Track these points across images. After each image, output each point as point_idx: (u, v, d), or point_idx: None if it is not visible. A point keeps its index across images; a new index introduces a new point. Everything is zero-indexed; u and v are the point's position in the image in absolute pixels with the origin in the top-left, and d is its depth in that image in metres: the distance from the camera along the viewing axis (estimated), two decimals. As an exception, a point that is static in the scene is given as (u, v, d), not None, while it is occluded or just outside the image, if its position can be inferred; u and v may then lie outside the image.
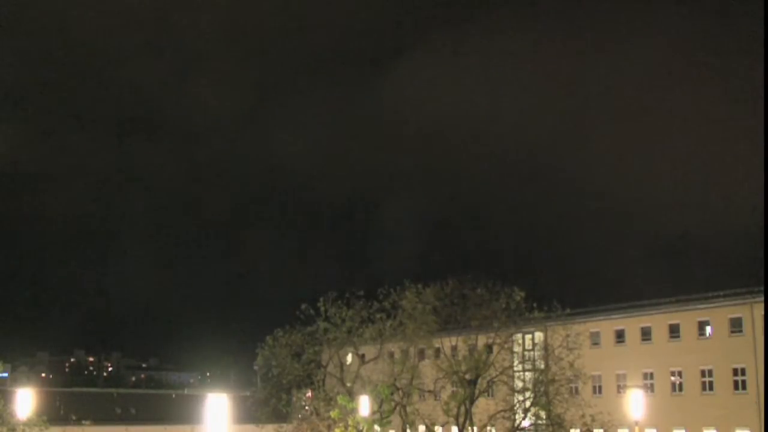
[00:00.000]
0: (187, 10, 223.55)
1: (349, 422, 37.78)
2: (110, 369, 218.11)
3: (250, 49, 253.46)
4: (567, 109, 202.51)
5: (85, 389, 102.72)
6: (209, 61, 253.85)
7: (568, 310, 47.34)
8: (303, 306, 48.16)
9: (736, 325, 56.76)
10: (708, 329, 59.10)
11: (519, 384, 50.74)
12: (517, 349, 54.14)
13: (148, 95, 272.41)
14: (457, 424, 46.84)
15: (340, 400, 39.94)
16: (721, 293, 58.58)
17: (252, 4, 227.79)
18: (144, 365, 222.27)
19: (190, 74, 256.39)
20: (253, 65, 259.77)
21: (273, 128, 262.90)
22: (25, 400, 36.12)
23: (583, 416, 45.59)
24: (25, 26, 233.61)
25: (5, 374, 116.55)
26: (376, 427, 38.56)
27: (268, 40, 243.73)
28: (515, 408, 47.61)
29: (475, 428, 47.80)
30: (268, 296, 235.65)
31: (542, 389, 47.17)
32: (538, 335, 58.05)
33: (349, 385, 48.01)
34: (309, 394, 51.01)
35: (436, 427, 50.52)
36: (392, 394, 43.76)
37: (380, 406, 41.23)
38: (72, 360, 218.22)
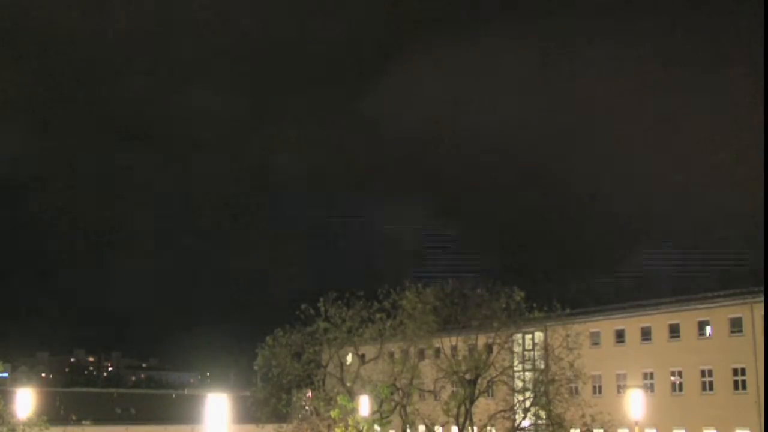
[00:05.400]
0: (188, 18, 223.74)
1: (349, 422, 37.67)
2: (110, 369, 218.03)
3: (249, 56, 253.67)
4: (567, 110, 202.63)
5: (85, 389, 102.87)
6: (209, 69, 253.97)
7: (568, 310, 47.33)
8: (303, 306, 48.21)
9: (736, 325, 56.75)
10: (708, 329, 59.08)
11: (519, 384, 50.76)
12: (517, 349, 54.16)
13: (148, 102, 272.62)
14: (457, 424, 46.81)
15: (340, 400, 39.80)
16: (721, 293, 58.60)
17: (251, 13, 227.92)
18: (144, 365, 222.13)
19: (190, 82, 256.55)
20: (252, 73, 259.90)
21: (272, 131, 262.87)
22: (25, 400, 36.00)
23: (583, 416, 45.55)
24: (27, 32, 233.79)
25: (5, 374, 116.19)
26: (376, 427, 38.42)
27: (267, 47, 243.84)
28: (515, 408, 47.61)
29: (475, 428, 47.76)
30: (268, 296, 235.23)
31: (542, 389, 47.15)
32: (538, 335, 58.06)
33: (349, 385, 47.96)
34: (309, 394, 51.00)
35: (436, 427, 50.47)
36: (392, 394, 43.62)
37: (380, 406, 41.11)
38: (72, 360, 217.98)
